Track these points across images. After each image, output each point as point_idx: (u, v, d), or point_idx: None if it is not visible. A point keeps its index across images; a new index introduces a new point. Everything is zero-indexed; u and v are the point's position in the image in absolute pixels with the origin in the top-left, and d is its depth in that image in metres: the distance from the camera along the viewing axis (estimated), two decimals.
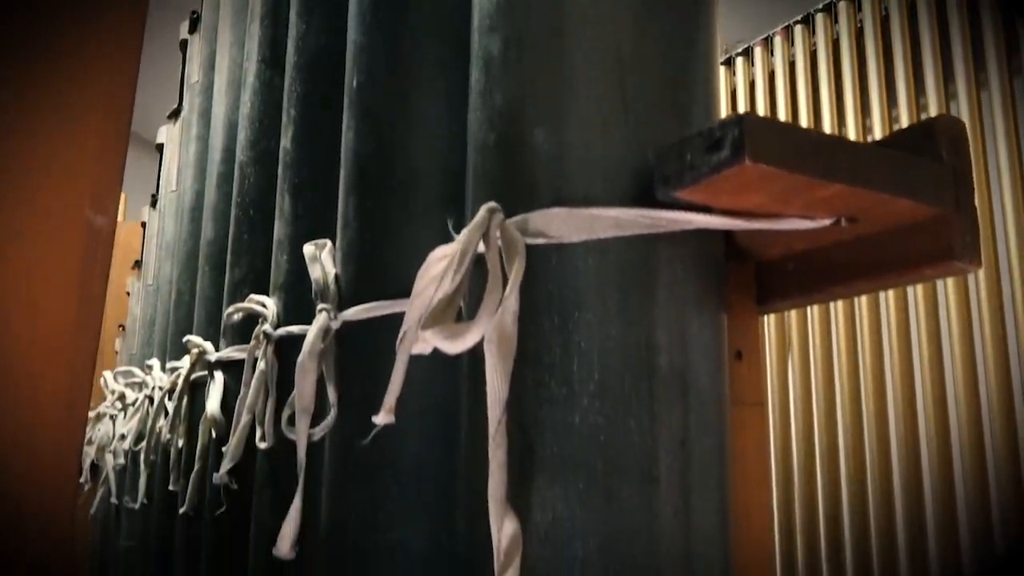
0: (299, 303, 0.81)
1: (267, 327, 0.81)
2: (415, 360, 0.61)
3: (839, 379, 1.38)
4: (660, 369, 0.43)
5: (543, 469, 0.42)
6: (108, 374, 1.75)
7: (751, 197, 0.43)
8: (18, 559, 0.43)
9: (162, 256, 1.63)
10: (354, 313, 0.63)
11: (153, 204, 1.85)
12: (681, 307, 0.45)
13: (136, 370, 1.53)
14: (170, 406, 1.17)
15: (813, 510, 1.35)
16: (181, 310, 1.33)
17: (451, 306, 0.43)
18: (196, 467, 0.97)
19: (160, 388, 1.25)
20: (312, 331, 0.64)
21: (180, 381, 1.08)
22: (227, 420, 0.93)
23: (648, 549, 0.41)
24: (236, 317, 0.87)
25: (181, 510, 0.99)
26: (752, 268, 0.55)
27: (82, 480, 1.90)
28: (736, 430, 0.52)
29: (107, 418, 1.80)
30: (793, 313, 1.54)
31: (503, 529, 0.40)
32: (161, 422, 1.24)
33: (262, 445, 0.78)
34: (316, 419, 0.66)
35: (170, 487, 1.12)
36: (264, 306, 0.82)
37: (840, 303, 1.33)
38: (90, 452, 1.79)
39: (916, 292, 1.26)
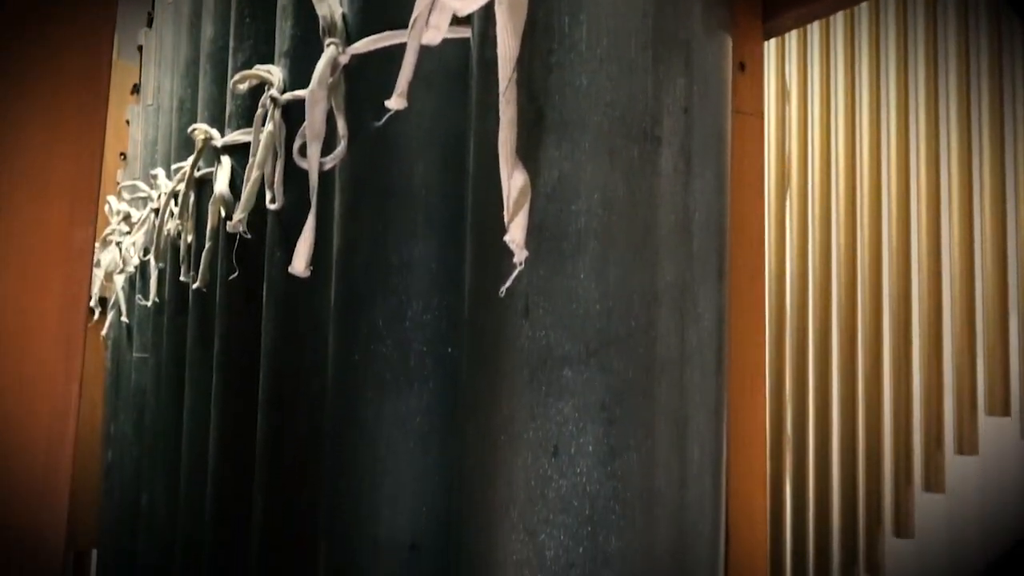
0: (304, 70, 0.81)
1: (274, 92, 0.82)
2: (422, 89, 0.62)
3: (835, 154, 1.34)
4: (665, 35, 0.44)
5: (551, 131, 0.44)
6: (112, 198, 1.77)
7: None
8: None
9: (161, 74, 1.61)
10: (362, 45, 0.63)
11: (149, 23, 1.82)
12: None
13: (140, 184, 1.54)
14: (176, 210, 1.19)
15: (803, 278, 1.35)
16: (184, 118, 1.32)
17: None
18: (207, 246, 1.00)
19: (166, 193, 1.26)
20: (321, 63, 0.65)
21: (186, 172, 1.09)
22: (236, 201, 0.95)
23: (648, 206, 0.44)
24: (242, 87, 0.87)
25: (194, 286, 1.02)
26: None
27: (91, 305, 1.95)
28: (734, 137, 0.54)
29: (113, 244, 1.82)
30: (794, 149, 1.52)
31: (512, 180, 0.43)
32: (169, 225, 1.26)
33: (272, 206, 0.80)
34: (325, 153, 0.67)
35: (180, 278, 1.15)
36: (270, 72, 0.83)
37: (840, 109, 1.31)
38: (99, 275, 1.82)
39: (917, 81, 1.23)
